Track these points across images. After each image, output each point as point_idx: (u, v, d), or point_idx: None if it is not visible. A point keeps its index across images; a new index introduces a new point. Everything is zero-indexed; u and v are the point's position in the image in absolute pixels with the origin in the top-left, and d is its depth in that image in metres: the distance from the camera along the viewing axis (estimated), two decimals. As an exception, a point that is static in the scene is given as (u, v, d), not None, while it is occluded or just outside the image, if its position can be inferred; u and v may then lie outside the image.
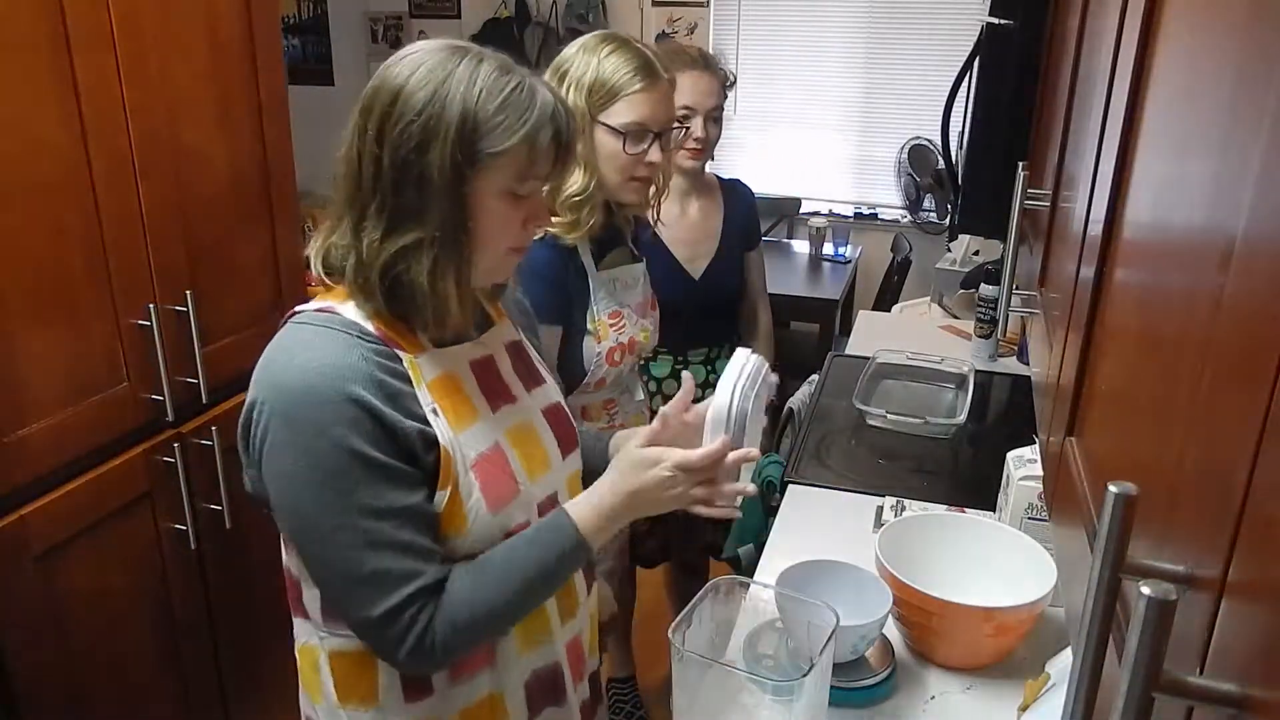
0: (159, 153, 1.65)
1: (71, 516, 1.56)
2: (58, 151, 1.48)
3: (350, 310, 1.08)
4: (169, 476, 1.73)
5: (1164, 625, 0.44)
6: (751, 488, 1.22)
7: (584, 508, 1.14)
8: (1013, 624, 1.36)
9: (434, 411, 1.07)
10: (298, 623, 1.20)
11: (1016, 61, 1.91)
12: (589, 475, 1.33)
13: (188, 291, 1.71)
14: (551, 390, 1.29)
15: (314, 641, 1.17)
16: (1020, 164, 1.35)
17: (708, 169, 2.30)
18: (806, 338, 3.95)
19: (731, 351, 2.34)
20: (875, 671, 1.38)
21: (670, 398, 2.24)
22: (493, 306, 1.24)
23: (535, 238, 1.30)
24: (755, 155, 4.59)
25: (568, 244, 1.69)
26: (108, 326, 1.59)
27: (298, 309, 1.11)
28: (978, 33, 2.13)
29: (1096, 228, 0.84)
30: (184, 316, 1.71)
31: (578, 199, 1.64)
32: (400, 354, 1.07)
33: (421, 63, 1.03)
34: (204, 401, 1.79)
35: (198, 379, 1.75)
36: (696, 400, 1.31)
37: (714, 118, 2.13)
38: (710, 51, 2.22)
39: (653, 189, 1.73)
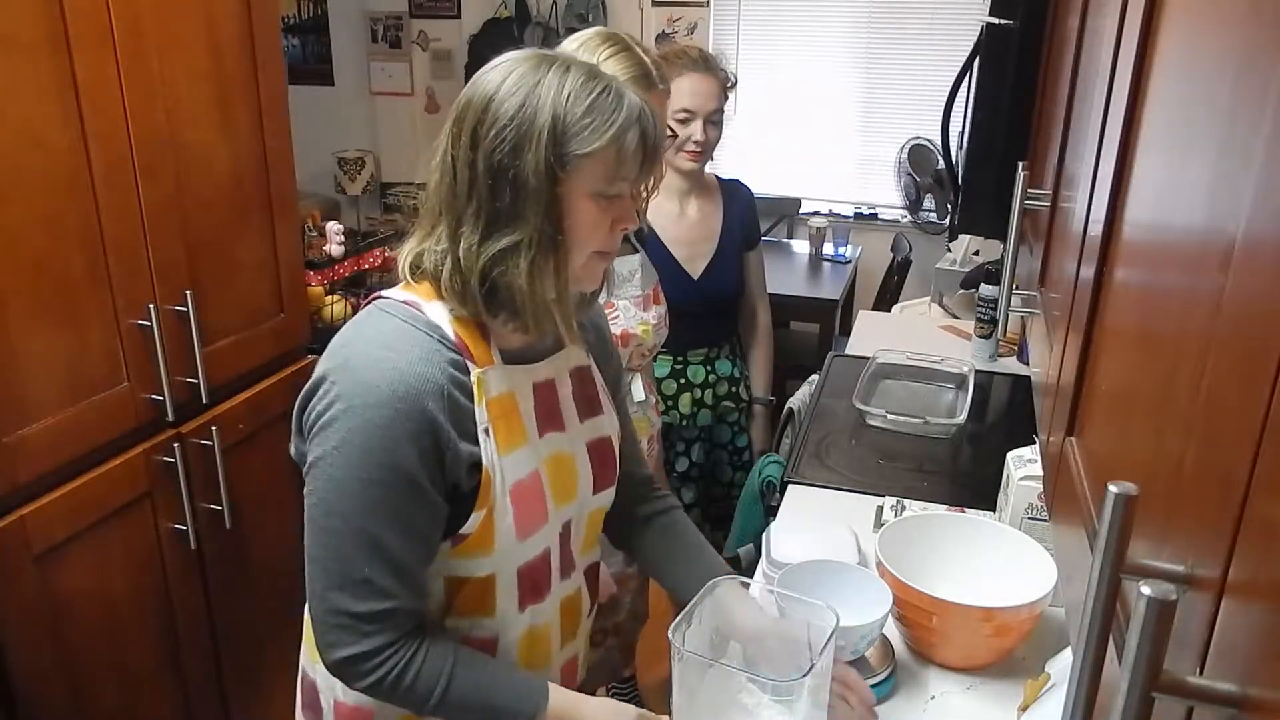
0: (159, 153, 1.65)
1: (71, 516, 1.56)
2: (58, 151, 1.48)
3: (434, 310, 1.09)
4: (169, 476, 1.73)
5: (1164, 625, 0.44)
6: None
7: (565, 704, 1.14)
8: (1013, 624, 1.36)
9: (486, 431, 1.08)
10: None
11: (1016, 61, 1.90)
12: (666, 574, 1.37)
13: (188, 291, 1.71)
14: (605, 423, 1.28)
15: None
16: (1020, 164, 1.35)
17: (708, 169, 2.30)
18: (806, 338, 3.95)
19: (731, 352, 2.35)
20: (875, 671, 1.38)
21: (670, 398, 2.26)
22: (571, 327, 1.20)
23: None
24: (755, 155, 4.58)
25: None
26: (108, 326, 1.59)
27: (382, 293, 1.13)
28: (978, 33, 2.13)
29: (1096, 228, 0.84)
30: (184, 316, 1.71)
31: None
32: (470, 366, 1.08)
33: (511, 70, 1.05)
34: (204, 401, 1.79)
35: (198, 379, 1.75)
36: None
37: (714, 121, 2.12)
38: (711, 52, 2.21)
39: None
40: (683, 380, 2.26)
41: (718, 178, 2.33)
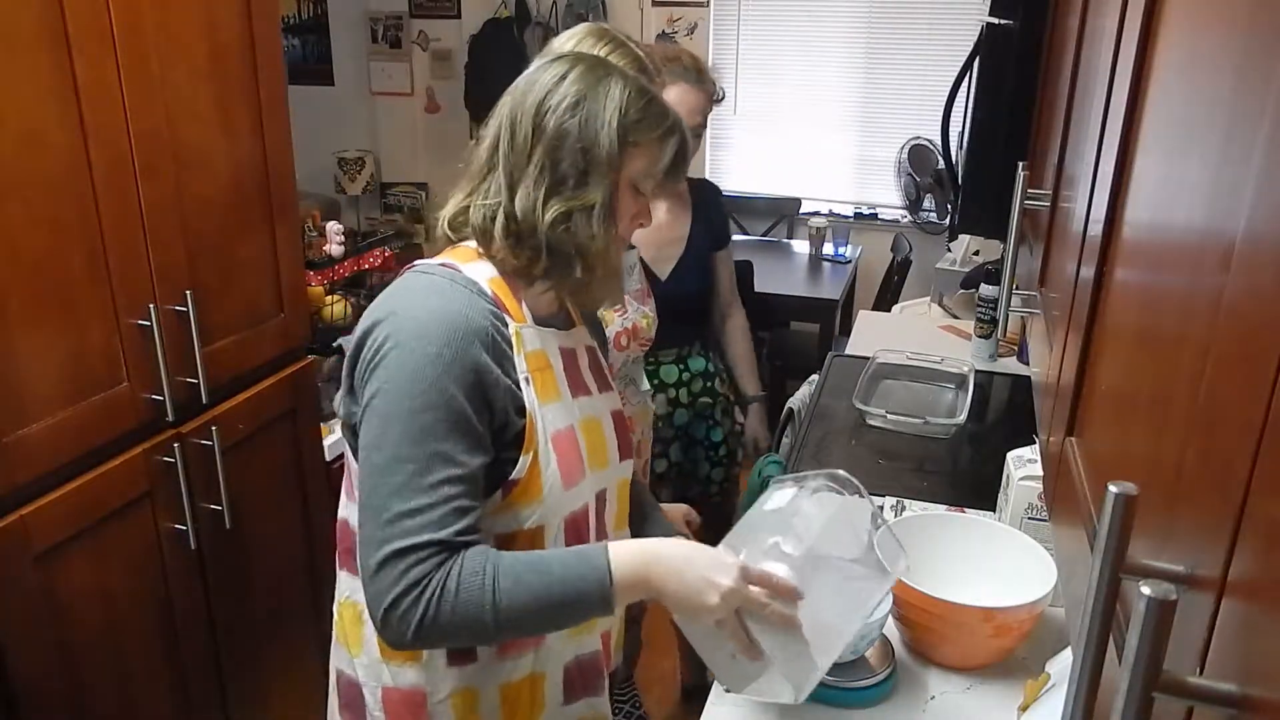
0: (159, 153, 1.65)
1: (71, 516, 1.56)
2: (58, 151, 1.48)
3: (471, 269, 1.15)
4: (169, 476, 1.73)
5: (1164, 625, 0.44)
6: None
7: (625, 551, 1.10)
8: (1013, 624, 1.36)
9: (526, 379, 1.14)
10: (343, 576, 1.24)
11: (1016, 61, 1.90)
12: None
13: (188, 291, 1.71)
14: (616, 398, 1.34)
15: (359, 597, 1.14)
16: (1020, 164, 1.35)
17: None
18: (806, 338, 3.95)
19: (704, 348, 2.33)
20: (875, 671, 1.38)
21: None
22: (619, 292, 1.30)
23: None
24: (755, 155, 4.59)
25: None
26: (108, 326, 1.59)
27: (418, 262, 1.19)
28: (978, 33, 2.13)
29: (1096, 228, 0.84)
30: (184, 316, 1.71)
31: None
32: (508, 319, 1.14)
33: (571, 67, 1.15)
34: (204, 401, 1.79)
35: (198, 379, 1.75)
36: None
37: (694, 134, 2.09)
38: (706, 62, 2.17)
39: None
40: (655, 381, 2.25)
41: (686, 177, 2.30)
